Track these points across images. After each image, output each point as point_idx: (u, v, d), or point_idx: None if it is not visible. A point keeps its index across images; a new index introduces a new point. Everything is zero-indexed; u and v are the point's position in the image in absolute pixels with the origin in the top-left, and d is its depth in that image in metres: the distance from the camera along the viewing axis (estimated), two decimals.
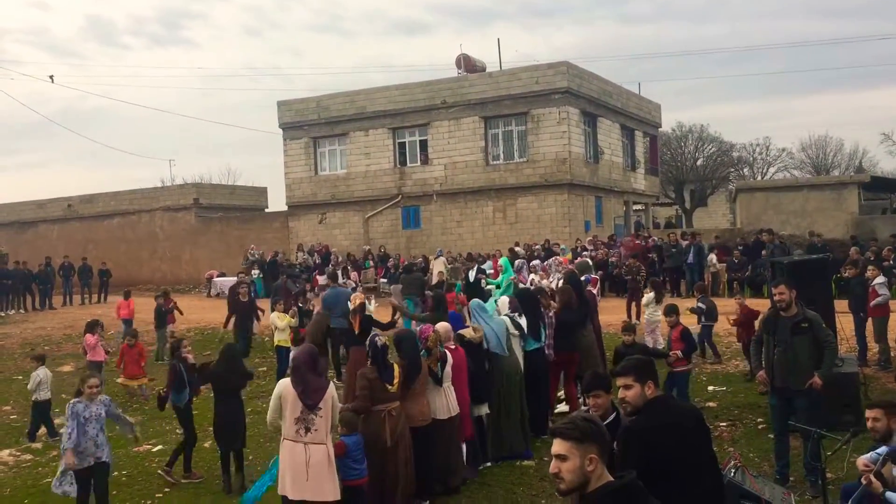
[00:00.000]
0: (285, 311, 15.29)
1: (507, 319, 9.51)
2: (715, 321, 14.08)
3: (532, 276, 16.77)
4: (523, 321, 9.63)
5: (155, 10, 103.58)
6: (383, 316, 13.47)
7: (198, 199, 37.95)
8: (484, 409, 8.91)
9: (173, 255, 37.28)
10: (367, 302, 12.27)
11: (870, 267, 13.11)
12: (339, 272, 26.15)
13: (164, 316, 18.29)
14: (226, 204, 39.80)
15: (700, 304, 14.04)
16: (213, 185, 44.28)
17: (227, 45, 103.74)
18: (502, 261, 13.18)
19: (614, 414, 5.01)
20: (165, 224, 38.06)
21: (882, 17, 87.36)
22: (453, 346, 8.40)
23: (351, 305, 11.87)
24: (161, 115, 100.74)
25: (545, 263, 18.89)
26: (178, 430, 11.69)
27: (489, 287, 17.60)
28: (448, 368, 8.05)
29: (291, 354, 8.15)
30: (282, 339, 14.71)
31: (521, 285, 13.79)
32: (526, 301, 10.05)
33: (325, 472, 6.69)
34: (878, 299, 12.15)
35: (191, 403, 9.67)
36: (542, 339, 9.84)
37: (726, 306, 15.28)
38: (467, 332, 8.90)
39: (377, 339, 7.63)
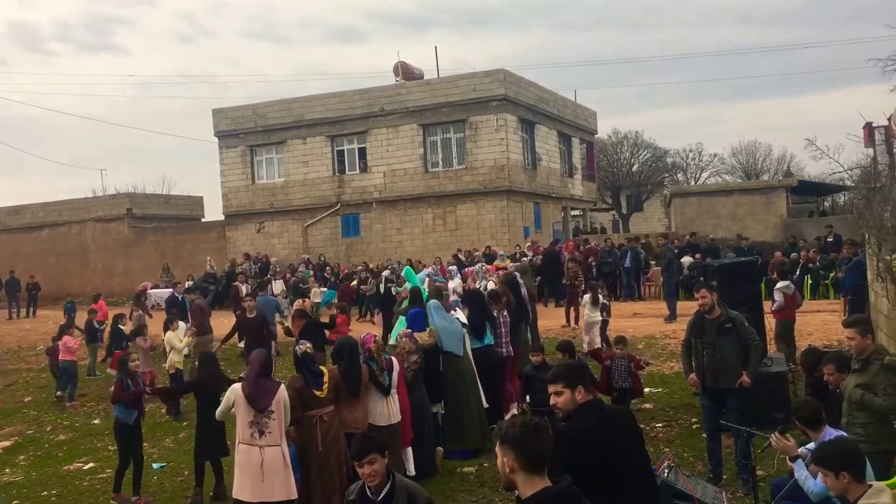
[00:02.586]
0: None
1: (457, 321, 9.75)
2: (609, 317, 15.38)
3: (452, 281, 17.03)
4: (460, 316, 9.95)
5: (81, 15, 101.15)
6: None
7: (131, 210, 37.18)
8: (437, 408, 9.14)
9: (106, 267, 36.38)
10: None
11: (774, 272, 13.41)
12: (278, 281, 25.88)
13: (95, 330, 17.87)
14: (160, 214, 39.05)
15: (604, 302, 15.25)
16: (146, 194, 43.32)
17: (158, 52, 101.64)
18: (405, 271, 13.30)
19: (390, 482, 4.54)
20: (97, 235, 37.15)
21: (806, 26, 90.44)
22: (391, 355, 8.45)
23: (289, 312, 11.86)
24: (91, 124, 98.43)
25: (470, 269, 19.12)
26: (110, 447, 11.42)
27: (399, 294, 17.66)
28: (395, 376, 8.11)
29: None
30: (177, 360, 13.53)
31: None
32: (471, 301, 10.39)
33: (280, 473, 6.80)
34: (774, 305, 12.44)
35: (140, 421, 9.28)
36: (487, 337, 10.15)
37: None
38: (421, 336, 9.06)
39: (297, 347, 7.56)
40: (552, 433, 3.22)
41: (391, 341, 9.88)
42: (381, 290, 19.73)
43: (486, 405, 9.73)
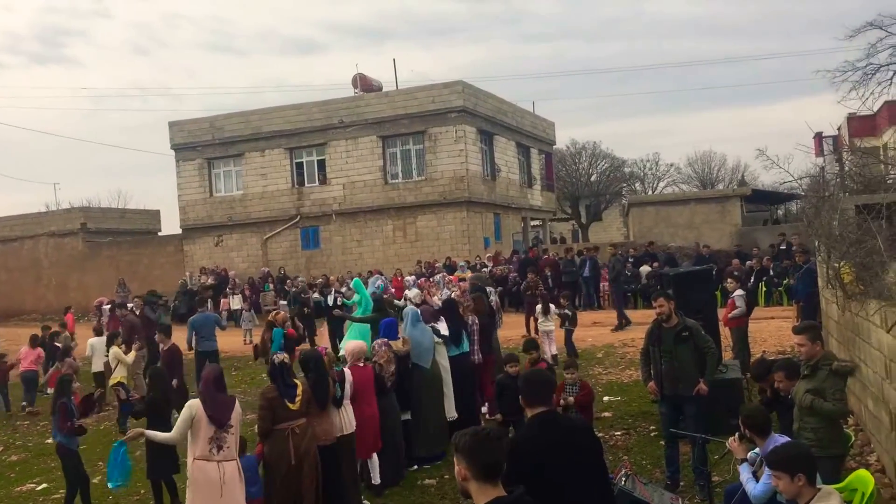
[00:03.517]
0: (128, 343, 14.08)
1: (429, 330, 10.00)
2: (575, 326, 15.72)
3: (409, 291, 17.14)
4: (442, 327, 10.20)
5: (32, 27, 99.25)
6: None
7: (85, 224, 36.55)
8: (406, 415, 9.39)
9: (59, 283, 35.70)
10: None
11: (728, 279, 13.60)
12: (237, 296, 25.65)
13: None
14: (116, 228, 38.44)
15: (566, 311, 15.59)
16: (101, 208, 42.72)
17: (113, 64, 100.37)
18: (353, 283, 13.53)
19: None
20: (51, 250, 36.46)
21: (760, 38, 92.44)
22: (361, 364, 8.55)
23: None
24: (44, 137, 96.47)
25: (430, 279, 19.17)
26: None
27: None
28: (347, 387, 8.11)
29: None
30: (123, 375, 13.18)
31: (396, 301, 14.28)
32: (447, 310, 10.68)
33: (237, 488, 6.81)
34: (734, 312, 12.61)
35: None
36: (464, 345, 10.45)
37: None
38: (396, 344, 9.38)
39: (274, 357, 7.56)
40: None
41: (341, 351, 10.00)
42: (330, 302, 19.63)
43: (455, 416, 9.90)
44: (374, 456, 8.60)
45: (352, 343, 9.01)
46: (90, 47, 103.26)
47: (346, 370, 8.29)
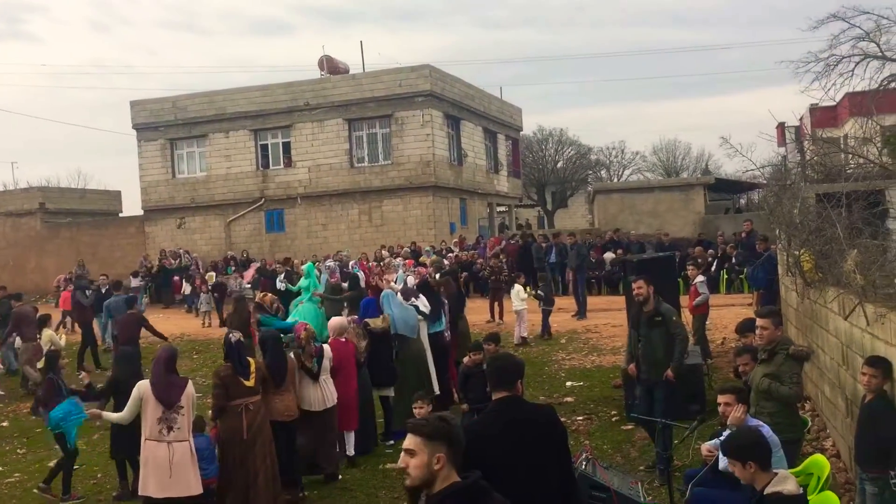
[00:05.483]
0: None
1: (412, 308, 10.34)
2: (552, 306, 16.37)
3: (360, 273, 17.31)
4: (421, 303, 10.51)
5: None
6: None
7: (44, 204, 35.82)
8: (389, 392, 9.71)
9: (17, 264, 34.94)
10: None
11: (689, 266, 13.70)
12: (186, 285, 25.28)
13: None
14: (76, 209, 37.73)
15: (540, 292, 16.40)
16: (60, 188, 41.86)
17: (72, 41, 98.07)
18: (306, 266, 13.65)
19: None
20: (7, 230, 35.70)
21: (726, 28, 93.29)
22: (343, 340, 8.85)
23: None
24: (2, 114, 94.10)
25: (380, 263, 19.14)
26: (19, 451, 11.03)
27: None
28: (326, 362, 8.35)
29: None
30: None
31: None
32: (423, 291, 10.98)
33: (188, 468, 6.90)
34: (698, 298, 12.74)
35: None
36: (442, 322, 10.79)
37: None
38: (374, 322, 9.69)
39: (231, 335, 7.60)
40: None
41: None
42: (279, 286, 19.57)
43: (438, 391, 10.20)
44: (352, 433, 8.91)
45: (334, 319, 9.38)
46: (50, 23, 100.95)
47: (325, 346, 8.51)
